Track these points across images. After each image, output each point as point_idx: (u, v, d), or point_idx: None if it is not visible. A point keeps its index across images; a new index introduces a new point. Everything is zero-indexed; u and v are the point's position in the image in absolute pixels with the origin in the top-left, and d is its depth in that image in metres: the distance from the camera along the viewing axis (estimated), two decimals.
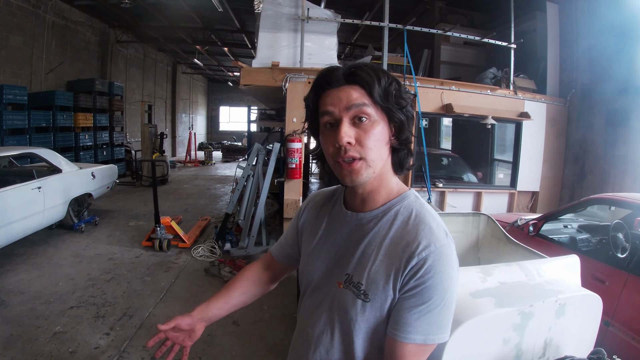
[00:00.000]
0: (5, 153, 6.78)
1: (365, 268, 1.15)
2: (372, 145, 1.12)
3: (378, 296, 1.13)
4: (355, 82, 1.12)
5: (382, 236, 1.17)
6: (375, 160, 1.14)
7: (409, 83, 6.63)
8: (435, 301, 1.08)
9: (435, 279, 1.07)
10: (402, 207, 1.20)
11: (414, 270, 1.08)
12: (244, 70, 6.63)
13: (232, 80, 30.79)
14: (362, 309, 1.14)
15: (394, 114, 1.15)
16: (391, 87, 1.13)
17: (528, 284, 2.20)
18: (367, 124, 1.11)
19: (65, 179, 7.28)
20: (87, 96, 12.64)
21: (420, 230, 1.13)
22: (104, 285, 5.48)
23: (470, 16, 9.94)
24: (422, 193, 6.89)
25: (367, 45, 9.72)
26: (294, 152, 6.37)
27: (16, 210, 6.00)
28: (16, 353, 3.89)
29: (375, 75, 1.12)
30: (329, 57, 6.88)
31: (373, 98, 1.11)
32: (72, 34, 13.18)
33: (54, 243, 7.02)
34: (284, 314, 4.87)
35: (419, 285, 1.07)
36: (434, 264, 1.07)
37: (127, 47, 17.14)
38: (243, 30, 15.34)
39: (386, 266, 1.13)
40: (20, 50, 10.82)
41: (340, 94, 1.12)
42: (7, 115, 9.27)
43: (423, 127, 6.75)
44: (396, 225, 1.17)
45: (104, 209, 9.44)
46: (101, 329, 4.40)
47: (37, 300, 4.97)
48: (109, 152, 13.86)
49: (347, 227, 1.26)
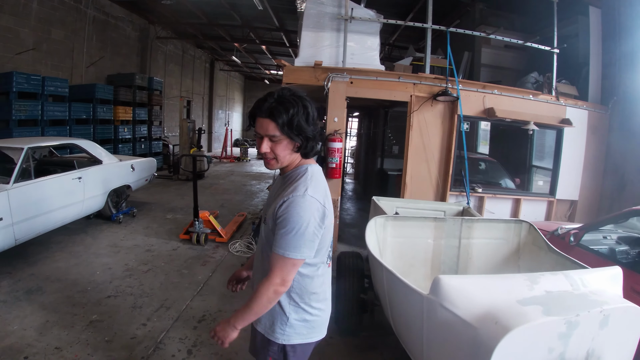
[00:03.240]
0: (48, 143, 6.82)
1: (270, 204, 1.91)
2: (279, 152, 1.83)
3: (269, 220, 1.86)
4: (271, 117, 1.75)
5: (283, 188, 1.87)
6: (282, 158, 1.86)
7: (452, 85, 6.38)
8: (288, 229, 1.75)
9: (288, 215, 1.75)
10: (296, 173, 1.90)
11: (281, 206, 1.77)
12: (286, 68, 6.52)
13: (268, 78, 30.87)
14: (264, 228, 1.94)
15: (293, 138, 1.80)
16: (295, 120, 1.76)
17: (573, 294, 2.21)
18: (276, 142, 1.81)
19: (105, 170, 7.28)
20: (127, 90, 12.77)
21: (292, 188, 1.81)
22: (141, 276, 5.40)
23: (510, 19, 9.62)
24: (460, 198, 6.64)
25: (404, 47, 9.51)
26: (335, 152, 6.25)
27: (56, 199, 5.99)
28: (51, 339, 3.81)
29: (286, 113, 1.74)
30: (371, 57, 6.76)
31: (280, 129, 1.75)
32: (113, 29, 13.37)
33: (92, 232, 7.01)
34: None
35: (280, 216, 1.77)
36: (289, 206, 1.76)
37: (167, 43, 17.30)
38: (282, 28, 15.22)
39: (275, 202, 1.82)
40: (62, 44, 10.98)
41: (263, 123, 1.78)
42: (48, 106, 9.41)
43: (464, 130, 6.52)
44: (288, 182, 1.87)
45: (141, 201, 9.44)
46: (138, 319, 4.30)
47: (74, 288, 4.91)
48: (147, 145, 14.00)
49: (277, 185, 2.03)
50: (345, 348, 4.00)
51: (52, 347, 3.68)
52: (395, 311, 3.00)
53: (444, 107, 6.56)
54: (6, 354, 3.52)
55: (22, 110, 8.62)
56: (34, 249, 5.99)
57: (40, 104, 9.11)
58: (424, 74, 6.55)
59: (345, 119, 6.66)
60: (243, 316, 1.86)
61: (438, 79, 6.50)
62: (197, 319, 4.37)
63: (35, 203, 5.55)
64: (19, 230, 5.24)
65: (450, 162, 6.54)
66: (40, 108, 9.12)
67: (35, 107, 8.98)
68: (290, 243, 1.75)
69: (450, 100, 6.41)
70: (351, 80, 6.32)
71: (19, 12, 9.39)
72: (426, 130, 6.55)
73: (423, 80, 6.48)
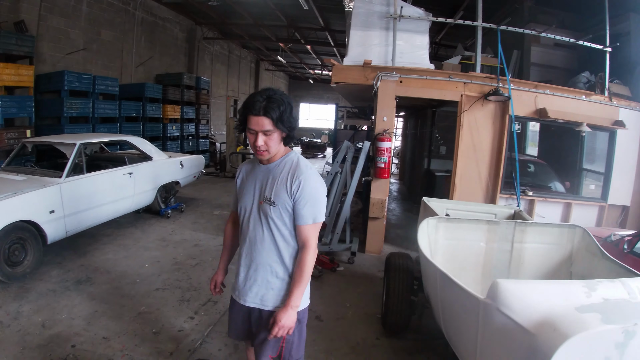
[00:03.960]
0: (99, 139, 6.93)
1: (272, 189, 2.07)
2: (271, 144, 2.00)
3: (278, 202, 2.04)
4: (266, 115, 1.92)
5: (280, 174, 2.08)
6: (273, 149, 2.03)
7: (503, 85, 6.11)
8: (312, 201, 2.04)
9: (308, 189, 2.02)
10: (287, 159, 2.11)
11: (296, 188, 2.02)
12: (335, 67, 6.44)
13: (312, 77, 30.85)
14: (272, 208, 2.06)
15: (283, 130, 1.99)
16: (284, 115, 1.95)
17: (630, 302, 2.14)
18: (270, 136, 1.98)
19: (155, 166, 7.33)
20: (175, 89, 12.97)
21: (297, 170, 2.05)
22: (189, 270, 5.33)
23: (560, 16, 9.17)
24: (510, 200, 6.37)
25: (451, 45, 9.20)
26: (384, 151, 6.12)
27: (107, 194, 6.05)
28: (99, 329, 3.76)
29: (278, 110, 1.92)
30: (419, 56, 6.59)
31: (274, 124, 1.94)
32: (161, 30, 13.66)
33: (141, 226, 7.05)
34: (366, 313, 4.47)
35: (300, 194, 2.02)
36: (304, 183, 2.02)
37: (213, 43, 17.54)
38: (326, 28, 15.12)
39: (284, 188, 2.04)
40: (111, 44, 11.29)
41: (258, 120, 1.94)
42: (99, 104, 9.64)
43: (516, 131, 6.25)
44: (286, 169, 2.08)
45: (189, 197, 9.48)
46: (185, 312, 4.21)
47: (123, 279, 4.89)
48: (195, 143, 14.19)
49: (262, 173, 2.15)
50: (392, 350, 3.81)
51: (99, 337, 3.62)
52: (448, 315, 2.91)
53: (495, 107, 6.30)
54: (54, 342, 3.49)
55: (73, 107, 8.85)
56: (84, 240, 6.05)
57: (91, 102, 9.34)
58: (474, 73, 6.32)
59: (394, 119, 6.48)
60: (298, 294, 2.05)
61: (489, 78, 6.24)
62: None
63: (86, 197, 5.62)
64: (69, 222, 5.31)
65: (501, 163, 6.30)
66: (91, 106, 9.35)
67: (86, 104, 9.21)
68: (316, 210, 2.06)
69: (502, 100, 6.14)
70: (400, 80, 6.20)
71: (69, 14, 9.71)
72: (477, 131, 6.34)
73: (474, 80, 6.25)
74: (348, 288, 5.07)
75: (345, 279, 5.36)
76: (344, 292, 4.93)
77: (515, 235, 3.85)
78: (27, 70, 7.70)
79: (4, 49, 7.23)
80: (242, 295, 2.21)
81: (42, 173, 5.53)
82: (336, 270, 5.60)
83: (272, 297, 2.13)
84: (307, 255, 2.05)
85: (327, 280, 5.27)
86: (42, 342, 3.49)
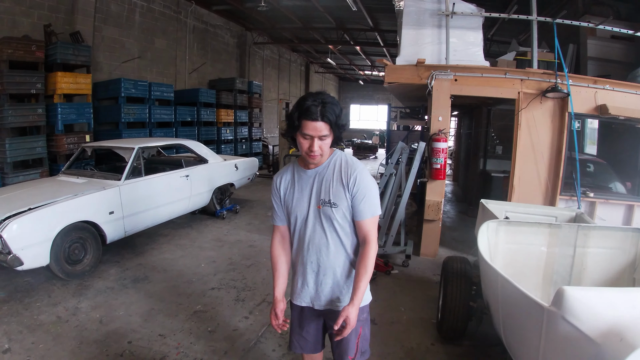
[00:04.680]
0: (157, 143, 7.07)
1: (330, 191, 2.03)
2: (326, 149, 1.98)
3: (340, 203, 2.02)
4: (324, 120, 1.88)
5: (332, 174, 2.05)
6: (326, 154, 2.03)
7: (561, 81, 5.69)
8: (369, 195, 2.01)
9: (362, 184, 2.00)
10: (337, 159, 2.09)
11: (352, 185, 2.00)
12: (388, 67, 6.24)
13: (362, 78, 30.65)
14: (334, 210, 2.02)
15: (337, 133, 1.97)
16: (340, 119, 1.94)
17: None
18: (326, 140, 1.95)
19: (211, 169, 7.39)
20: (228, 94, 13.13)
21: (348, 167, 2.04)
22: (244, 270, 5.27)
23: (615, 7, 8.58)
24: (570, 202, 5.91)
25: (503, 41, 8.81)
26: (439, 152, 5.88)
27: (164, 195, 6.14)
28: (155, 326, 3.74)
29: (334, 114, 1.90)
30: (473, 53, 6.34)
31: (331, 128, 1.92)
32: (212, 36, 13.94)
33: (197, 227, 7.10)
34: (421, 317, 4.22)
35: (357, 190, 2.00)
36: (359, 179, 2.00)
37: (263, 48, 17.73)
38: (376, 28, 14.92)
39: (341, 187, 2.02)
40: (165, 52, 11.63)
41: (316, 125, 1.88)
42: (155, 109, 9.88)
43: (576, 129, 5.85)
44: (337, 168, 2.06)
45: (244, 199, 9.52)
46: (240, 312, 4.14)
47: (179, 278, 4.89)
48: (248, 146, 14.34)
49: (310, 178, 2.10)
50: (447, 356, 3.57)
51: (155, 334, 3.60)
52: (509, 322, 2.77)
53: (554, 104, 5.86)
54: (111, 338, 3.51)
55: (130, 113, 9.10)
56: (142, 240, 6.15)
57: (148, 108, 9.58)
58: (531, 69, 5.93)
59: (449, 118, 6.20)
60: (361, 291, 1.94)
61: (546, 74, 5.82)
62: None
63: (144, 198, 5.72)
64: (128, 223, 5.42)
65: (561, 163, 5.86)
66: (148, 111, 9.59)
67: (142, 110, 9.45)
68: (374, 203, 2.03)
69: (561, 96, 5.70)
70: (455, 78, 5.92)
71: (122, 24, 10.08)
72: (535, 130, 5.94)
73: (531, 76, 5.85)
74: (402, 292, 4.84)
75: (399, 283, 5.13)
76: (399, 296, 4.72)
77: (577, 240, 3.63)
78: (85, 79, 7.96)
79: (62, 58, 7.49)
80: (316, 300, 2.16)
81: (102, 176, 5.68)
82: (390, 273, 5.37)
83: (347, 295, 2.08)
84: (369, 250, 2.00)
85: (382, 283, 5.05)
86: (99, 337, 3.51)
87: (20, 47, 6.85)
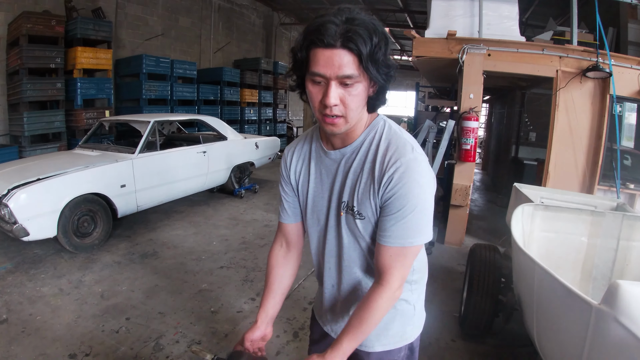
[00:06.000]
0: (173, 117, 6.98)
1: (355, 193, 1.26)
2: (353, 106, 1.13)
3: (366, 212, 1.25)
4: (349, 48, 1.05)
5: (362, 162, 1.26)
6: (354, 118, 1.17)
7: (603, 60, 5.26)
8: (407, 209, 1.17)
9: (404, 189, 1.16)
10: (375, 135, 1.26)
11: (386, 184, 1.18)
12: (416, 40, 5.89)
13: None
14: (360, 224, 1.27)
15: (377, 78, 1.12)
16: (380, 52, 1.08)
17: None
18: (352, 88, 1.10)
19: (230, 146, 7.24)
20: (253, 74, 12.95)
21: (389, 151, 1.21)
22: (256, 250, 5.11)
23: None
24: (609, 193, 5.52)
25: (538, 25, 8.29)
26: (470, 132, 5.50)
27: (180, 171, 6.02)
28: (157, 304, 3.61)
29: (370, 39, 1.05)
30: (508, 27, 5.90)
31: (362, 64, 1.07)
32: (238, 16, 13.75)
33: (214, 205, 6.99)
34: (442, 310, 3.90)
35: (392, 196, 1.18)
36: (402, 176, 1.16)
37: (290, 29, 17.45)
38: (405, 9, 14.43)
39: (368, 187, 1.23)
40: (189, 31, 11.53)
41: (334, 57, 1.06)
42: (177, 87, 9.81)
43: (617, 114, 5.45)
44: (372, 152, 1.24)
45: (264, 179, 9.38)
46: (247, 293, 3.96)
47: (189, 255, 4.76)
48: (272, 127, 14.14)
49: (334, 164, 1.32)
50: (468, 355, 3.25)
51: (155, 312, 3.46)
52: (544, 321, 2.39)
53: (594, 85, 5.44)
54: (109, 313, 3.40)
55: (152, 90, 9.06)
56: (156, 216, 6.07)
57: (170, 85, 9.52)
58: (571, 46, 5.50)
59: (481, 96, 5.86)
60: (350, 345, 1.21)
61: (587, 52, 5.38)
62: (308, 300, 3.88)
63: (158, 173, 5.61)
64: (141, 197, 5.32)
65: (600, 149, 5.46)
66: (170, 88, 9.53)
67: (164, 87, 9.39)
68: (410, 227, 1.19)
69: (602, 76, 5.28)
70: (489, 53, 5.54)
71: (146, 2, 10.02)
72: (574, 112, 5.55)
73: (570, 53, 5.42)
74: None
75: None
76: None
77: (622, 231, 3.25)
78: (106, 54, 7.90)
79: (82, 33, 7.44)
80: (337, 331, 1.46)
81: (116, 149, 5.59)
82: None
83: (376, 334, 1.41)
84: (380, 294, 1.23)
85: None
86: (98, 312, 3.40)
87: (39, 22, 6.82)
